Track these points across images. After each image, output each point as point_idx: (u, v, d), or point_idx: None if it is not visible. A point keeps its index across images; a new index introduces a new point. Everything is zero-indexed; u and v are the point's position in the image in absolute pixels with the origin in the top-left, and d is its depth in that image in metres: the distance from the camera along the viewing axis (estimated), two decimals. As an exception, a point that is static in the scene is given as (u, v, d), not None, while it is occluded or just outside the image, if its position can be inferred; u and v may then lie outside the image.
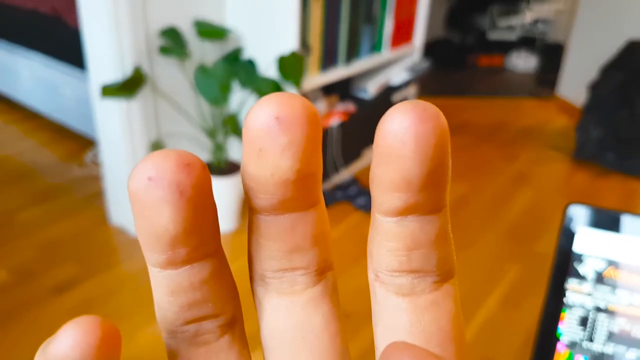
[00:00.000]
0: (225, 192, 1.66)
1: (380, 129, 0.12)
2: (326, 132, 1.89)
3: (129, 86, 1.44)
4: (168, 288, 0.13)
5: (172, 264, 0.12)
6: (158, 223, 0.11)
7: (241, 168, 0.13)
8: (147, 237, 0.12)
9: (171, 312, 0.13)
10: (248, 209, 0.13)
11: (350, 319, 1.27)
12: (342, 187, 1.98)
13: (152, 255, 0.12)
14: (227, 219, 1.69)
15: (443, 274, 0.13)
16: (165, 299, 0.13)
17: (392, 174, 0.12)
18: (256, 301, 0.14)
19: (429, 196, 0.12)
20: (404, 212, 0.12)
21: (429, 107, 0.11)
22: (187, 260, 0.12)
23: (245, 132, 0.12)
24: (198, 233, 0.12)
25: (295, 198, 0.13)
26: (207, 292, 0.13)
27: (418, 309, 0.13)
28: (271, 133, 0.12)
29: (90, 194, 1.88)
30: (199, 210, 0.12)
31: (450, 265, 0.14)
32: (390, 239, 0.13)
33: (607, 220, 0.44)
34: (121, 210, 1.69)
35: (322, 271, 0.14)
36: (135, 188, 0.11)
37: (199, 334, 0.13)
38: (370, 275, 0.14)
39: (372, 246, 0.14)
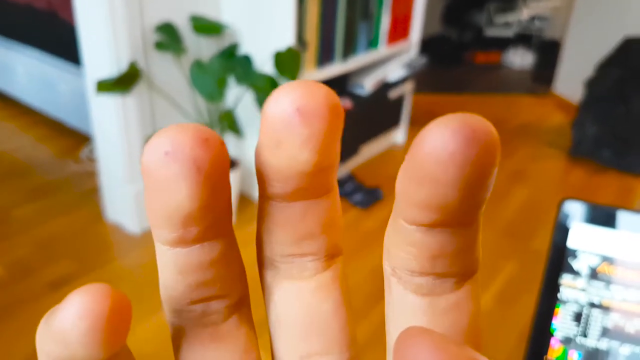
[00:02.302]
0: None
1: (420, 144, 0.10)
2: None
3: (124, 82, 1.43)
4: (176, 267, 0.12)
5: (182, 242, 0.12)
6: (173, 199, 0.11)
7: (256, 154, 0.12)
8: (159, 214, 0.11)
9: (178, 291, 0.13)
10: (259, 194, 0.13)
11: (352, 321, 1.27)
12: (339, 183, 1.98)
13: (162, 233, 0.12)
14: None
15: (466, 275, 0.13)
16: (172, 277, 0.12)
17: (423, 194, 0.10)
18: (264, 286, 0.14)
19: (462, 215, 0.11)
20: (432, 226, 0.11)
21: (478, 126, 0.10)
22: (199, 239, 0.12)
23: (263, 120, 0.11)
24: (212, 211, 0.11)
25: (310, 188, 0.12)
26: (216, 272, 0.12)
27: (438, 312, 0.12)
28: (291, 125, 0.11)
29: (86, 190, 1.88)
30: (216, 188, 0.11)
31: (474, 266, 0.13)
32: (413, 245, 0.12)
33: (601, 216, 0.43)
34: (117, 206, 1.69)
35: (331, 256, 0.14)
36: (150, 162, 0.11)
37: (206, 315, 0.13)
38: (387, 269, 0.13)
39: (390, 244, 0.13)
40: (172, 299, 0.13)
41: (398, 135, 2.39)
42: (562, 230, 0.44)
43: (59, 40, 2.03)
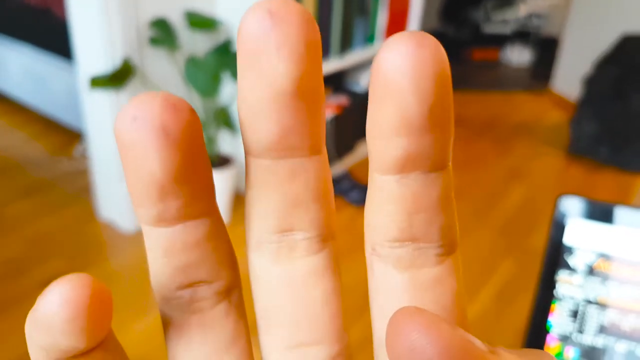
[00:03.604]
0: (216, 185, 1.65)
1: (376, 61, 0.11)
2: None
3: (118, 77, 1.43)
4: (161, 249, 0.12)
5: (164, 220, 0.12)
6: (145, 168, 0.11)
7: (238, 102, 0.12)
8: (136, 186, 0.11)
9: (165, 275, 0.12)
10: (245, 160, 0.13)
11: (344, 313, 1.27)
12: (335, 181, 1.97)
13: (143, 211, 0.12)
14: (218, 212, 1.69)
15: (445, 246, 0.12)
16: (158, 261, 0.12)
17: (390, 113, 0.11)
18: (251, 271, 0.14)
19: (432, 144, 0.11)
20: (406, 165, 0.11)
21: (427, 36, 0.11)
22: (180, 217, 0.12)
23: (239, 42, 0.11)
24: (189, 183, 0.11)
25: (296, 131, 0.12)
26: (201, 253, 0.12)
27: (419, 287, 0.12)
28: (265, 32, 0.11)
29: (79, 188, 1.87)
30: (188, 156, 0.11)
31: (452, 236, 0.13)
32: (390, 202, 0.12)
33: (597, 212, 0.43)
34: (110, 204, 1.68)
35: (323, 238, 0.13)
36: (120, 129, 0.11)
37: (194, 301, 0.13)
38: (368, 250, 0.13)
39: (369, 215, 0.13)
40: (160, 285, 0.13)
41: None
42: (558, 227, 0.44)
43: (52, 36, 2.02)
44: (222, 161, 1.70)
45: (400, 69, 0.10)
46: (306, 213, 0.13)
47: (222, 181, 1.66)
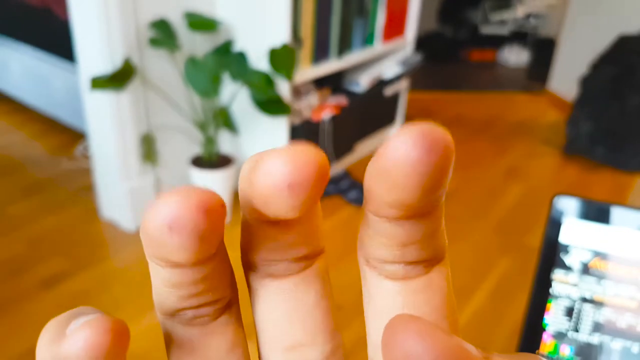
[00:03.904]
0: (216, 185, 1.66)
1: (385, 151, 0.11)
2: (318, 126, 1.88)
3: (119, 78, 1.43)
4: (168, 282, 0.13)
5: (174, 267, 0.12)
6: (170, 257, 0.11)
7: (240, 187, 0.12)
8: (155, 255, 0.12)
9: (170, 300, 0.13)
10: (241, 211, 0.13)
11: (341, 311, 1.28)
12: (334, 180, 1.98)
13: (155, 259, 0.12)
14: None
15: (435, 259, 0.13)
16: (164, 289, 0.13)
17: (390, 197, 0.11)
18: (249, 285, 0.14)
19: (426, 206, 0.12)
20: (398, 219, 0.12)
21: (438, 136, 0.11)
22: (191, 266, 0.12)
23: (251, 186, 0.12)
24: (206, 258, 0.12)
25: (298, 241, 0.13)
26: (207, 286, 0.13)
27: (411, 291, 0.13)
28: (280, 196, 0.11)
29: (80, 187, 1.87)
30: (211, 243, 0.12)
31: (442, 251, 0.13)
32: (382, 236, 0.12)
33: (592, 212, 0.44)
34: (112, 203, 1.69)
35: (313, 256, 0.14)
36: (152, 230, 0.11)
37: (196, 317, 0.13)
38: (361, 260, 0.14)
39: (363, 236, 0.13)
40: (162, 306, 0.13)
41: (393, 132, 2.39)
42: (554, 226, 0.45)
43: (53, 36, 2.02)
44: (222, 161, 1.71)
45: (404, 168, 0.10)
46: (298, 250, 0.14)
47: (222, 181, 1.67)
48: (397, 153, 0.11)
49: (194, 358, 0.14)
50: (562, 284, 0.45)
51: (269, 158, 0.11)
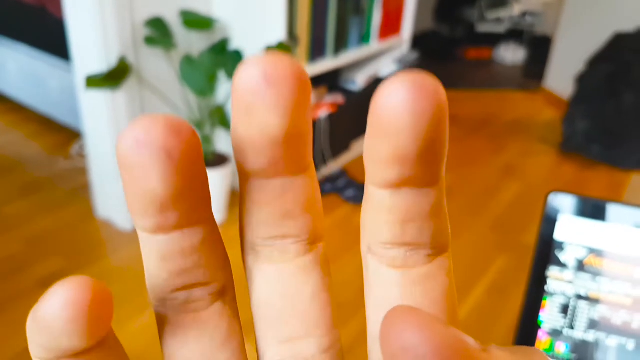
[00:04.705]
0: (213, 184, 1.66)
1: (376, 101, 0.11)
2: (314, 124, 1.88)
3: (114, 77, 1.43)
4: (158, 254, 0.13)
5: (162, 229, 0.12)
6: (146, 186, 0.11)
7: (231, 131, 0.13)
8: (136, 201, 0.12)
9: (161, 278, 0.13)
10: (239, 177, 0.13)
11: (340, 308, 1.28)
12: (331, 179, 1.98)
13: (141, 220, 0.12)
14: (215, 211, 1.69)
15: (437, 247, 0.13)
16: (155, 264, 0.13)
17: (386, 148, 0.11)
18: (247, 271, 0.14)
19: (424, 170, 0.12)
20: (398, 185, 0.12)
21: (428, 82, 0.11)
22: (178, 226, 0.12)
23: (234, 90, 0.12)
24: (188, 199, 0.12)
25: (285, 160, 0.13)
26: (197, 258, 0.13)
27: (410, 282, 0.13)
28: (259, 91, 0.11)
29: (76, 186, 1.87)
30: (188, 176, 0.12)
31: (444, 239, 0.13)
32: (383, 211, 0.12)
33: (587, 209, 0.44)
34: (108, 202, 1.68)
35: (313, 240, 0.14)
36: (123, 151, 0.11)
37: (189, 302, 0.13)
38: (363, 249, 0.14)
39: (365, 219, 0.13)
40: (155, 287, 0.13)
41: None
42: (549, 223, 0.45)
43: (49, 35, 2.02)
44: (218, 159, 1.71)
45: (397, 110, 0.11)
46: (296, 223, 0.13)
47: (219, 179, 1.67)
48: (388, 97, 0.11)
49: (186, 350, 0.13)
50: (557, 281, 0.45)
51: (246, 60, 0.12)
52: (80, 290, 0.10)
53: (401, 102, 0.11)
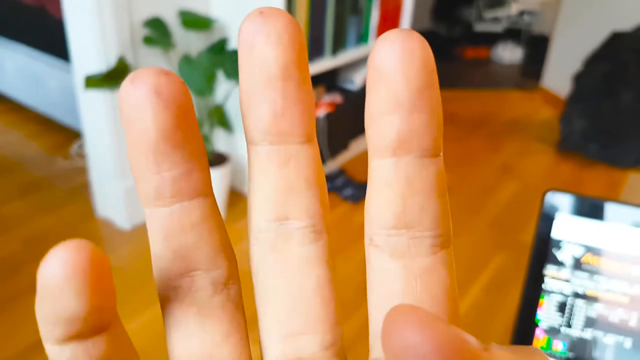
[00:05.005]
0: (212, 183, 1.65)
1: (371, 54, 0.12)
2: (313, 124, 1.89)
3: (113, 77, 1.43)
4: (160, 231, 0.13)
5: (162, 196, 0.13)
6: (140, 127, 0.12)
7: (239, 91, 0.14)
8: (134, 152, 0.13)
9: (165, 259, 0.13)
10: (247, 152, 0.14)
11: (340, 306, 1.29)
12: (329, 178, 1.98)
13: (144, 186, 0.13)
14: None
15: (439, 237, 0.13)
16: (159, 244, 0.13)
17: (382, 97, 0.12)
18: (251, 264, 0.14)
19: (422, 124, 0.12)
20: (400, 146, 0.13)
21: (413, 32, 0.12)
22: (177, 194, 0.13)
23: (238, 39, 0.13)
24: (181, 148, 0.13)
25: (287, 116, 0.13)
26: (198, 235, 0.13)
27: (411, 276, 0.13)
28: (257, 26, 0.13)
29: (76, 186, 1.87)
30: (180, 118, 0.12)
31: (446, 228, 0.13)
32: (385, 186, 0.13)
33: (584, 207, 0.44)
34: (107, 202, 1.69)
35: (317, 229, 0.14)
36: (121, 93, 0.12)
37: (193, 290, 0.14)
38: (366, 242, 0.14)
39: (367, 206, 0.14)
40: (161, 272, 0.13)
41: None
42: (546, 222, 0.45)
43: (48, 36, 2.01)
44: (218, 159, 1.71)
45: (390, 57, 0.12)
46: (300, 200, 0.14)
47: (218, 179, 1.67)
48: (382, 50, 0.12)
49: (190, 342, 0.14)
50: (555, 279, 0.45)
51: (245, 19, 0.13)
52: (78, 251, 0.10)
53: (392, 51, 0.12)
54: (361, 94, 2.11)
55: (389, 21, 2.13)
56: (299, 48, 0.13)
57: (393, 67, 0.12)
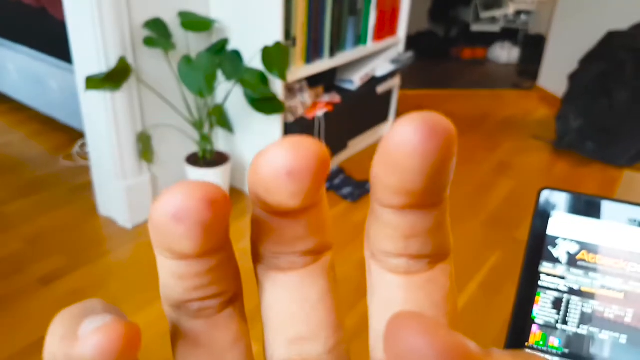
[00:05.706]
0: (212, 182, 1.66)
1: (388, 138, 0.11)
2: (312, 123, 1.90)
3: (114, 77, 1.43)
4: (174, 274, 0.13)
5: (181, 258, 0.13)
6: (176, 247, 0.12)
7: (248, 178, 0.13)
8: (162, 248, 0.12)
9: (176, 292, 0.13)
10: (252, 202, 0.14)
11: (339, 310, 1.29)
12: (328, 177, 1.99)
13: (160, 250, 0.13)
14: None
15: (439, 256, 0.14)
16: (170, 281, 0.13)
17: (394, 181, 0.12)
18: (257, 277, 0.15)
19: (429, 197, 0.12)
20: (403, 208, 0.12)
21: (439, 123, 0.11)
22: (197, 257, 0.13)
23: (254, 172, 0.12)
24: (211, 249, 0.13)
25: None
26: (212, 278, 0.13)
27: (413, 286, 0.13)
28: (281, 183, 0.12)
29: (78, 185, 1.88)
30: (217, 236, 0.12)
31: (446, 248, 0.14)
32: (387, 227, 0.13)
33: (580, 205, 0.44)
34: (109, 201, 1.69)
35: (320, 252, 0.14)
36: (158, 221, 0.12)
37: (202, 309, 0.14)
38: (367, 253, 0.14)
39: (369, 229, 0.14)
40: (169, 298, 0.14)
41: (386, 129, 2.40)
42: (542, 219, 0.45)
43: (49, 37, 2.02)
44: (217, 158, 1.72)
45: (407, 150, 0.11)
46: (305, 243, 0.14)
47: (218, 177, 1.68)
48: (400, 137, 0.11)
49: (198, 351, 0.14)
50: (550, 276, 0.46)
51: (272, 148, 0.12)
52: (114, 338, 0.11)
53: (411, 143, 0.11)
54: (359, 94, 2.12)
55: (387, 22, 2.15)
56: (322, 185, 0.13)
57: (410, 164, 0.11)
